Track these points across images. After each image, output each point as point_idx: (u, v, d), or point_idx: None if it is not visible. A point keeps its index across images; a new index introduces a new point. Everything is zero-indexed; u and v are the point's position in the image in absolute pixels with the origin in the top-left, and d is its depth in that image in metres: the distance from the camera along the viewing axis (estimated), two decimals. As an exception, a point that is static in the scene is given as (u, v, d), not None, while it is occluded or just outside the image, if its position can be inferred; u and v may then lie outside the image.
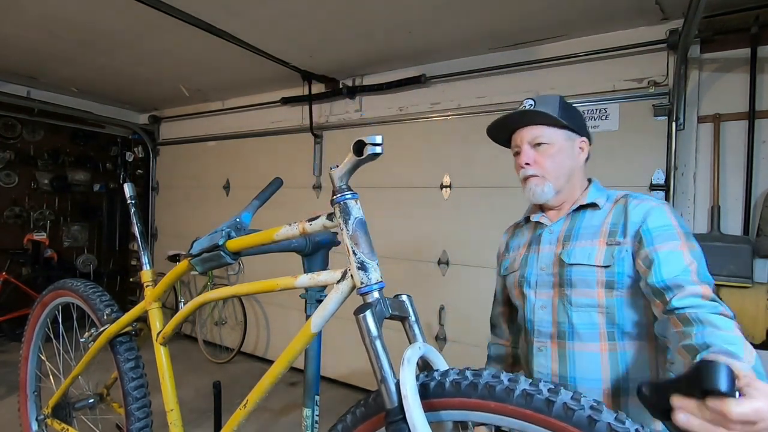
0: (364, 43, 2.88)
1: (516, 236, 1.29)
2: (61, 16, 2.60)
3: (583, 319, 1.04)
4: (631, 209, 1.05)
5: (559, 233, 1.13)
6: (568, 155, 1.13)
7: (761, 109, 2.25)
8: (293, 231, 0.89)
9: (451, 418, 0.71)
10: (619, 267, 1.01)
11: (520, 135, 1.15)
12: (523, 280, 1.16)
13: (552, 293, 1.10)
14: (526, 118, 1.13)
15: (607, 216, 1.09)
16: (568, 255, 1.07)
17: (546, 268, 1.12)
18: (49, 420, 1.69)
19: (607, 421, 0.57)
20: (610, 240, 1.04)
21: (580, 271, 1.04)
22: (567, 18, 2.44)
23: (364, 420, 0.79)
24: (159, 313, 1.31)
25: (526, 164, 1.12)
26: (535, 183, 1.11)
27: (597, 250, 1.04)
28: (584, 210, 1.13)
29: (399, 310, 0.80)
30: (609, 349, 1.02)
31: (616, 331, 1.02)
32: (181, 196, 4.89)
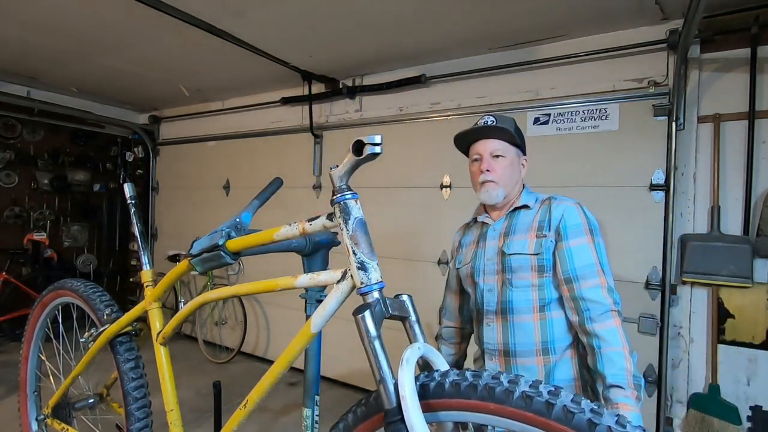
0: (364, 43, 2.88)
1: (467, 235, 1.53)
2: (61, 16, 2.60)
3: (521, 296, 1.30)
4: (554, 208, 1.32)
5: (500, 230, 1.39)
6: (516, 168, 1.39)
7: (761, 109, 2.25)
8: (293, 231, 0.89)
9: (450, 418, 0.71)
10: (546, 254, 1.28)
11: (483, 145, 1.37)
12: (474, 270, 1.40)
13: (496, 278, 1.35)
14: (490, 132, 1.36)
15: (536, 214, 1.35)
16: (508, 247, 1.33)
17: (491, 259, 1.37)
18: (49, 420, 1.69)
19: (608, 424, 0.57)
20: (538, 233, 1.31)
21: (518, 259, 1.30)
22: (567, 18, 2.44)
23: (363, 420, 0.79)
24: (159, 313, 1.31)
25: (486, 170, 1.34)
26: (492, 187, 1.35)
27: (529, 242, 1.31)
28: (519, 210, 1.39)
29: (399, 310, 0.80)
30: (540, 319, 1.29)
31: (545, 304, 1.29)
32: (181, 196, 4.89)
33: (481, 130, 1.37)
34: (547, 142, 2.77)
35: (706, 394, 2.34)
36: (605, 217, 2.56)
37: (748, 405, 2.27)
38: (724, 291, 2.32)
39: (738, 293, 2.28)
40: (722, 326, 2.32)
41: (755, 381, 2.26)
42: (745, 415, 2.26)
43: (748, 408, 2.27)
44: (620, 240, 2.53)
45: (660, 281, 2.44)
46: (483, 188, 1.36)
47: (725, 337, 2.32)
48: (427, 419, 0.67)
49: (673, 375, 2.44)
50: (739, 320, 2.28)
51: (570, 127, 2.70)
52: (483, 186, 1.36)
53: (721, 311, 2.32)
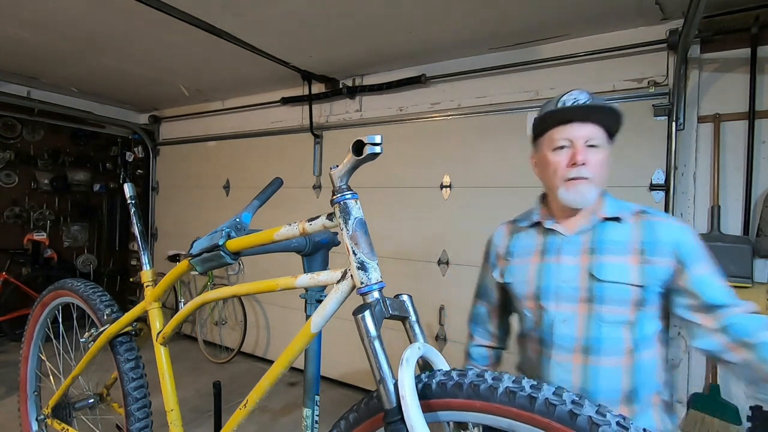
0: (364, 43, 2.88)
1: (518, 239, 1.20)
2: (61, 16, 2.60)
3: (611, 334, 1.03)
4: (659, 228, 1.05)
5: (581, 245, 1.08)
6: (608, 164, 1.08)
7: (761, 109, 2.25)
8: (293, 231, 0.89)
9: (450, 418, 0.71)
10: (651, 286, 1.02)
11: (575, 130, 1.05)
12: (541, 291, 1.10)
13: (576, 307, 1.06)
14: (588, 114, 1.04)
15: (634, 232, 1.06)
16: (600, 270, 1.04)
17: (570, 281, 1.07)
18: (49, 420, 1.69)
19: (612, 426, 0.57)
20: (642, 258, 1.03)
21: (615, 289, 1.02)
22: (567, 18, 2.44)
23: (363, 420, 0.79)
24: (159, 313, 1.31)
25: (582, 163, 1.03)
26: (585, 186, 1.04)
27: (630, 267, 1.03)
28: (607, 222, 1.08)
29: (399, 310, 0.80)
30: (630, 362, 1.03)
31: (638, 344, 1.03)
32: (181, 196, 4.89)
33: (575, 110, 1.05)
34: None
35: (706, 394, 2.34)
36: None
37: (748, 405, 2.27)
38: (724, 291, 2.31)
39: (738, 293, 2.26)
40: (722, 326, 2.32)
41: (755, 381, 2.26)
42: (745, 415, 2.26)
43: (748, 408, 2.27)
44: (620, 240, 2.53)
45: (660, 281, 2.43)
46: (572, 186, 1.05)
47: (725, 337, 2.31)
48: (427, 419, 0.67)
49: (673, 375, 2.44)
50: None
51: (570, 127, 2.70)
52: (572, 183, 1.05)
53: (721, 311, 2.32)
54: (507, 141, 2.91)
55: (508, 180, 2.91)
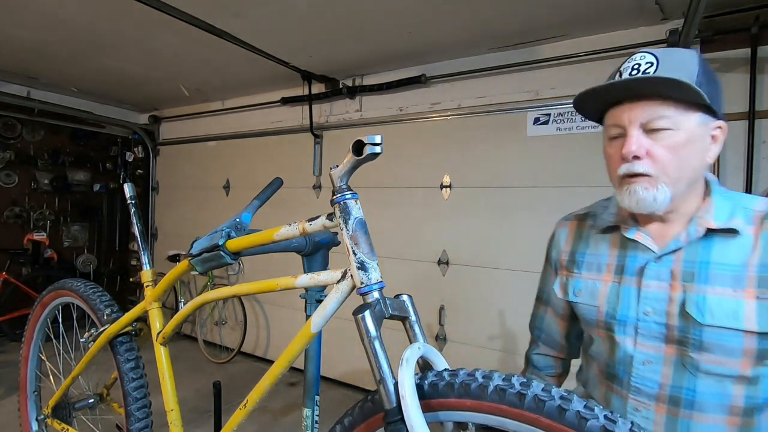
0: (364, 43, 2.88)
1: (587, 245, 0.95)
2: (61, 16, 2.60)
3: (712, 388, 0.78)
4: None
5: (672, 265, 0.81)
6: (698, 149, 0.77)
7: (761, 109, 2.25)
8: (293, 231, 0.89)
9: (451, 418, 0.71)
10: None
11: (629, 111, 0.78)
12: (614, 322, 0.86)
13: (663, 348, 0.82)
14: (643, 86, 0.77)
15: (753, 250, 0.76)
16: (700, 309, 0.76)
17: (654, 314, 0.82)
18: (49, 420, 1.69)
19: (600, 420, 0.57)
20: (763, 292, 0.74)
21: (720, 336, 0.75)
22: (567, 18, 2.44)
23: (363, 420, 0.78)
24: (159, 313, 1.31)
25: (634, 157, 0.78)
26: (644, 186, 0.78)
27: (745, 305, 0.74)
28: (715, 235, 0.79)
29: (399, 310, 0.80)
30: (741, 425, 0.78)
31: (756, 405, 0.77)
32: (181, 196, 4.89)
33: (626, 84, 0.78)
34: (547, 142, 2.77)
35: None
36: (605, 217, 2.56)
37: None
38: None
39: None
40: (722, 326, 2.32)
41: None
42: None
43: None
44: (620, 240, 2.52)
45: (660, 281, 2.43)
46: (627, 187, 0.80)
47: (725, 337, 2.31)
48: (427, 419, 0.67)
49: None
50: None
51: (570, 127, 2.70)
52: (625, 183, 0.80)
53: (721, 311, 2.32)
54: (507, 141, 2.91)
55: (508, 180, 2.91)
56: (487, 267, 2.97)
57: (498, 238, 2.91)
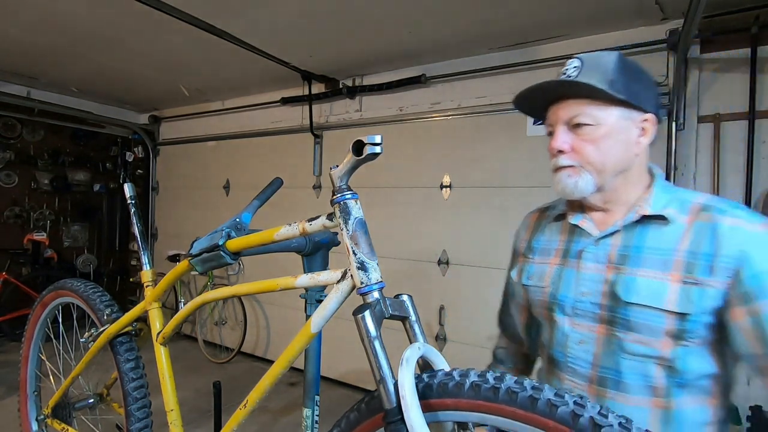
0: (364, 43, 2.88)
1: (543, 233, 1.01)
2: (61, 16, 2.60)
3: (635, 369, 0.82)
4: (723, 234, 0.77)
5: (609, 249, 0.87)
6: (620, 141, 0.84)
7: (761, 109, 2.25)
8: (293, 231, 0.89)
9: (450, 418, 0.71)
10: (697, 315, 0.77)
11: (556, 111, 0.89)
12: (555, 302, 0.92)
13: (596, 328, 0.86)
14: (565, 89, 0.87)
15: (684, 237, 0.80)
16: (627, 289, 0.82)
17: (589, 295, 0.87)
18: (49, 420, 1.69)
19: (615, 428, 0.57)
20: (687, 276, 0.78)
21: (643, 314, 0.80)
22: (567, 18, 2.44)
23: (363, 420, 0.78)
24: (159, 313, 1.31)
25: (559, 151, 0.87)
26: (567, 174, 0.86)
27: (669, 287, 0.79)
28: (648, 222, 0.84)
29: (399, 310, 0.80)
30: (662, 406, 0.82)
31: (674, 385, 0.81)
32: (181, 196, 4.89)
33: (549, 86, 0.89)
34: (546, 142, 2.76)
35: (706, 394, 2.34)
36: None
37: (748, 405, 2.27)
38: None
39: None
40: (722, 326, 2.32)
41: (755, 381, 2.26)
42: (745, 415, 2.26)
43: (748, 408, 2.27)
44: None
45: (660, 281, 2.43)
46: (555, 177, 0.89)
47: (725, 337, 2.31)
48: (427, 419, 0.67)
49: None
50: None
51: (570, 127, 2.70)
52: (555, 173, 0.89)
53: (721, 311, 2.32)
54: (507, 141, 2.91)
55: (508, 180, 2.91)
56: (487, 267, 2.97)
57: (498, 238, 2.91)
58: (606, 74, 0.82)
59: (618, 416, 0.58)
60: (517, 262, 1.06)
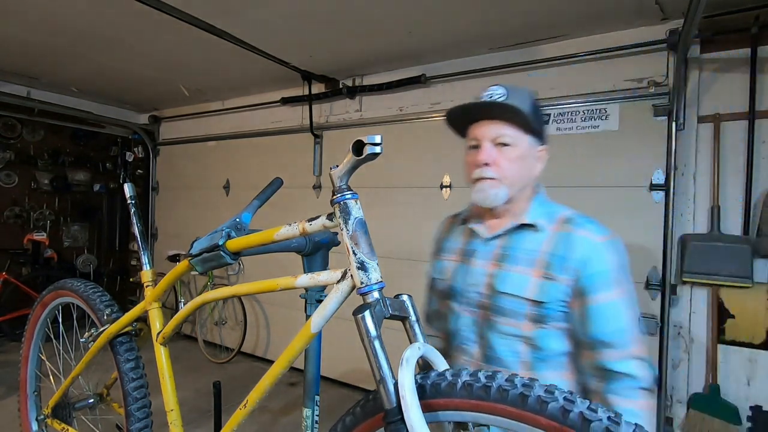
0: (364, 43, 2.88)
1: (451, 236, 1.20)
2: (61, 16, 2.60)
3: (507, 346, 1.02)
4: (574, 241, 0.98)
5: (494, 249, 1.06)
6: (527, 163, 1.03)
7: (761, 109, 2.25)
8: (293, 231, 0.89)
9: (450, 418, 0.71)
10: (551, 304, 0.98)
11: (483, 129, 1.03)
12: (451, 292, 1.11)
13: (478, 314, 1.06)
14: (495, 111, 1.02)
15: (547, 241, 1.01)
16: (501, 281, 1.02)
17: (475, 286, 1.06)
18: (49, 420, 1.69)
19: (603, 422, 0.57)
20: (545, 273, 0.98)
21: (510, 302, 1.00)
22: (567, 18, 2.44)
23: (363, 420, 0.78)
24: (159, 313, 1.31)
25: (485, 164, 1.01)
26: (490, 185, 1.01)
27: (531, 281, 0.99)
28: (523, 229, 1.04)
29: (399, 310, 0.80)
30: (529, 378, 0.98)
31: (537, 360, 1.00)
32: (181, 196, 4.89)
33: (480, 107, 1.05)
34: (547, 142, 2.76)
35: (706, 394, 2.34)
36: (605, 217, 2.55)
37: (748, 405, 2.27)
38: (724, 291, 2.32)
39: (738, 293, 2.28)
40: (722, 326, 2.32)
41: (755, 381, 2.26)
42: (745, 415, 2.26)
43: (748, 408, 2.27)
44: (620, 240, 2.53)
45: (660, 281, 2.43)
46: (478, 185, 1.03)
47: (725, 337, 2.32)
48: (427, 419, 0.67)
49: (673, 375, 2.44)
50: (739, 320, 2.28)
51: (570, 127, 2.70)
52: (478, 183, 1.03)
53: (721, 311, 2.32)
54: (507, 141, 2.90)
55: (508, 180, 2.91)
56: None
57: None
58: (527, 105, 1.01)
59: (606, 410, 0.58)
60: (433, 259, 1.24)
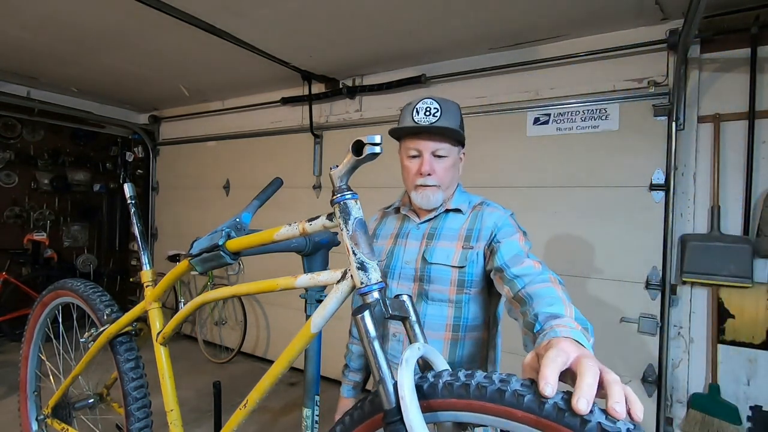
0: (364, 43, 2.88)
1: (384, 224, 1.37)
2: (61, 16, 2.60)
3: (435, 311, 1.19)
4: (485, 217, 1.20)
5: (425, 230, 1.26)
6: (456, 168, 1.26)
7: (761, 109, 2.25)
8: (293, 231, 0.89)
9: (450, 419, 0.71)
10: (470, 268, 1.17)
11: (424, 143, 1.21)
12: (388, 270, 1.26)
13: (412, 286, 1.22)
14: (435, 134, 1.20)
15: (466, 221, 1.23)
16: (430, 254, 1.20)
17: (410, 263, 1.23)
18: (49, 420, 1.69)
19: (598, 420, 0.57)
20: (465, 244, 1.18)
21: (438, 270, 1.18)
22: (567, 18, 2.44)
23: (362, 421, 0.78)
24: (159, 313, 1.31)
25: (428, 174, 1.20)
26: (432, 192, 1.21)
27: (454, 252, 1.18)
28: (448, 213, 1.26)
29: (399, 310, 0.80)
30: (452, 339, 1.18)
31: (460, 323, 1.18)
32: (181, 196, 4.89)
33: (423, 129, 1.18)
34: (547, 142, 2.77)
35: (706, 394, 2.34)
36: (605, 217, 2.56)
37: (748, 405, 2.27)
38: (724, 291, 2.32)
39: (738, 293, 2.28)
40: (722, 326, 2.32)
41: (755, 381, 2.26)
42: (745, 415, 2.26)
43: (748, 408, 2.27)
44: (620, 240, 2.53)
45: (660, 281, 2.43)
46: (421, 192, 1.21)
47: (725, 337, 2.32)
48: (426, 419, 0.67)
49: (673, 375, 2.44)
50: (739, 320, 2.28)
51: (570, 127, 2.70)
52: (421, 189, 1.21)
53: (721, 311, 2.32)
54: (507, 141, 2.91)
55: (508, 180, 2.91)
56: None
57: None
58: (457, 122, 1.20)
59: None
60: None
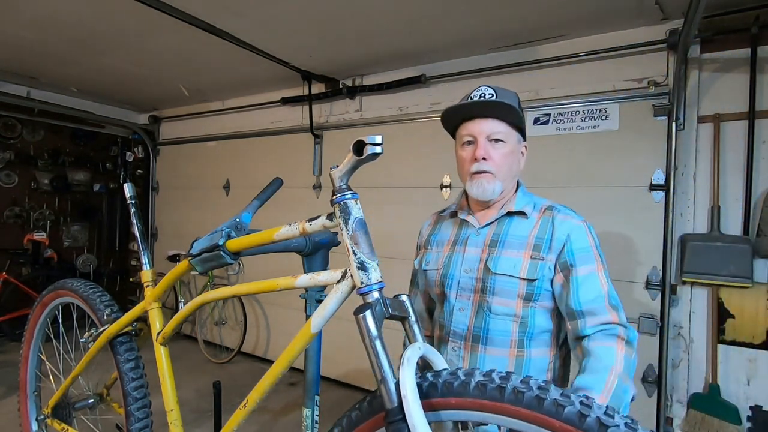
0: (364, 43, 2.88)
1: (439, 230, 1.29)
2: (61, 16, 2.60)
3: (499, 326, 1.09)
4: (557, 225, 1.09)
5: (485, 237, 1.15)
6: (515, 158, 1.15)
7: (761, 109, 2.25)
8: (293, 231, 0.89)
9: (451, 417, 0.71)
10: (540, 281, 1.07)
11: (479, 126, 1.11)
12: (445, 279, 1.17)
13: (473, 297, 1.13)
14: (489, 110, 1.11)
15: (534, 227, 1.11)
16: (495, 263, 1.09)
17: (470, 272, 1.13)
18: (49, 420, 1.69)
19: (596, 415, 0.58)
20: (534, 254, 1.08)
21: (504, 281, 1.08)
22: (567, 18, 2.44)
23: (364, 420, 0.78)
24: (159, 313, 1.31)
25: (483, 158, 1.09)
26: (487, 180, 1.10)
27: (522, 262, 1.08)
28: (512, 216, 1.15)
29: (399, 310, 0.80)
30: (516, 355, 1.09)
31: (525, 338, 1.09)
32: (181, 196, 4.89)
33: (477, 105, 1.11)
34: (547, 142, 2.76)
35: (706, 394, 2.34)
36: (605, 217, 2.56)
37: (748, 405, 2.27)
38: (724, 291, 2.32)
39: (738, 293, 2.28)
40: (722, 326, 2.32)
41: (755, 381, 2.26)
42: (745, 415, 2.26)
43: (748, 408, 2.27)
44: (620, 240, 2.53)
45: (660, 281, 2.43)
46: (475, 180, 1.11)
47: (725, 337, 2.32)
48: (428, 418, 0.67)
49: (673, 375, 2.44)
50: (739, 320, 2.28)
51: (570, 127, 2.70)
52: (475, 177, 1.11)
53: (721, 311, 2.32)
54: (507, 141, 2.90)
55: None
56: (487, 267, 2.97)
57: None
58: (514, 103, 1.11)
59: (624, 417, 0.58)
60: (419, 253, 1.31)
